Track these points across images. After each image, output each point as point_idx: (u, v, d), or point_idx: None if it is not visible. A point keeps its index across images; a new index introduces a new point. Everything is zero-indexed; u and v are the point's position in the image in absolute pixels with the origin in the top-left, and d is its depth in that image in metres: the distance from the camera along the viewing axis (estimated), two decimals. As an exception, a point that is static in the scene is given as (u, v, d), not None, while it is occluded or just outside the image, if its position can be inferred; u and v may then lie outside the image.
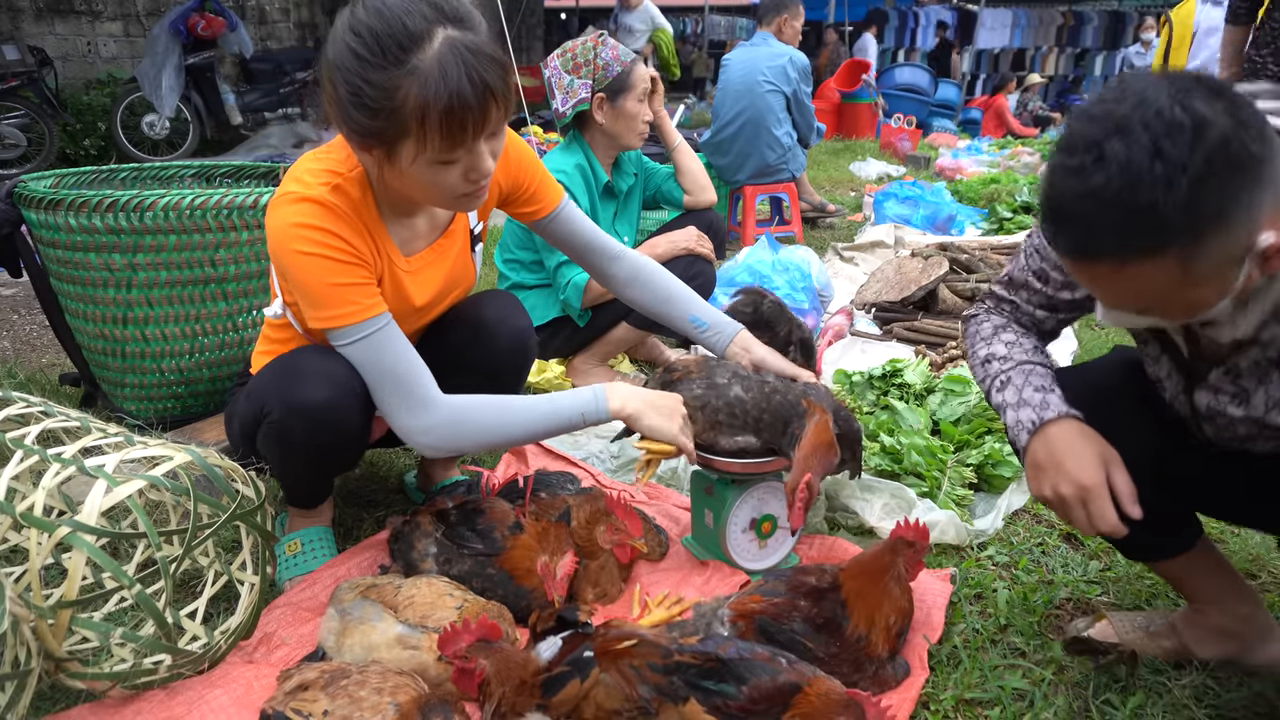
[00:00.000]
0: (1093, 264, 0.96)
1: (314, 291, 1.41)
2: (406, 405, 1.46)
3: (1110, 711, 1.36)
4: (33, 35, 7.66)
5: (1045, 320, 1.37)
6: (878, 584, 1.43)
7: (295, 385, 1.47)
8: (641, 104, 2.60)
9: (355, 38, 1.26)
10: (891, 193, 5.26)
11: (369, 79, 1.26)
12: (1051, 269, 1.31)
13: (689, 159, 2.85)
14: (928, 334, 3.08)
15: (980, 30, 14.24)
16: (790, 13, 4.74)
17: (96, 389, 2.37)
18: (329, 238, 1.40)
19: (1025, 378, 1.29)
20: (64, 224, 2.06)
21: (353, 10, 1.28)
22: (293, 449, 1.53)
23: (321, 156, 1.48)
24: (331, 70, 1.29)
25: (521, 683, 1.22)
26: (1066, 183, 0.93)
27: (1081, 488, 1.16)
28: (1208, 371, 1.16)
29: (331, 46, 1.29)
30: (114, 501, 1.28)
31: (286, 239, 1.39)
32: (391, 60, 1.25)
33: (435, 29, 1.26)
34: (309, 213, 1.39)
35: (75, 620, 1.31)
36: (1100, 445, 1.19)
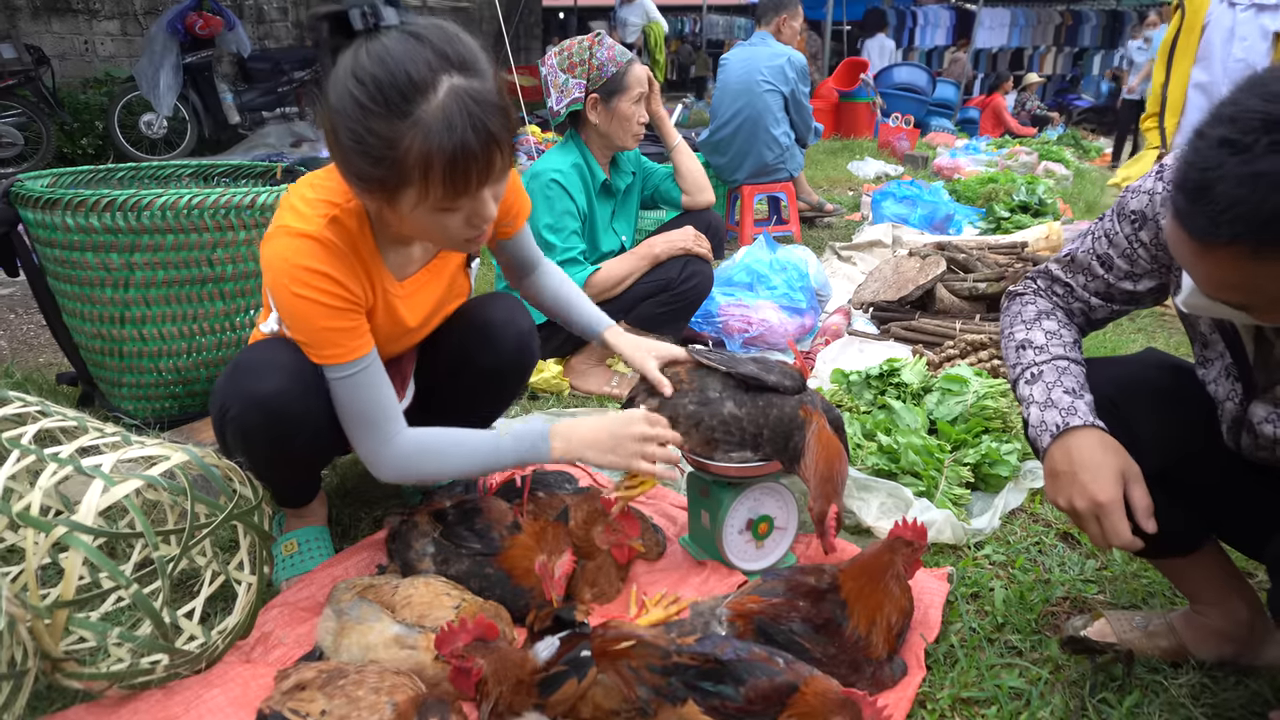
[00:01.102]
0: (1221, 248, 0.90)
1: (305, 331, 1.43)
2: (370, 437, 1.49)
3: (1107, 710, 1.36)
4: (30, 34, 7.65)
5: (1098, 309, 1.36)
6: (877, 584, 1.43)
7: (248, 379, 1.49)
8: (637, 105, 2.59)
9: (358, 85, 1.22)
10: (889, 192, 5.27)
11: (371, 128, 1.23)
12: (1119, 257, 1.28)
13: (688, 159, 2.85)
14: (925, 333, 3.08)
15: (979, 30, 14.24)
16: (789, 13, 4.74)
17: (94, 388, 2.37)
18: (324, 281, 1.39)
19: (1058, 375, 1.27)
20: (61, 223, 2.05)
21: (356, 55, 1.23)
22: (254, 443, 1.53)
23: (319, 183, 1.47)
24: (333, 115, 1.26)
25: (519, 682, 1.22)
26: (1228, 160, 0.87)
27: (1096, 503, 1.16)
28: (1270, 386, 1.15)
29: (333, 91, 1.25)
30: (111, 501, 1.28)
31: (283, 277, 1.39)
32: (395, 110, 1.21)
33: (440, 77, 1.23)
34: (306, 252, 1.38)
35: (72, 620, 1.31)
36: (1121, 459, 1.18)
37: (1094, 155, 10.21)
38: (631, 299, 2.62)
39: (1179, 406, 1.28)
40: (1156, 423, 1.27)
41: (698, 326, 3.09)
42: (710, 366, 1.65)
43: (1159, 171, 1.21)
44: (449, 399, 1.82)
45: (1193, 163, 0.91)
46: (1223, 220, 0.88)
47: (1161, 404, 1.29)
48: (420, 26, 1.25)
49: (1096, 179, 7.69)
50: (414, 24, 1.26)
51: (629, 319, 2.64)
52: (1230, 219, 0.88)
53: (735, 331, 3.06)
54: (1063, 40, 17.74)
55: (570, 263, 2.58)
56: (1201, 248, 0.93)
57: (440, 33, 1.25)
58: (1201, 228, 0.91)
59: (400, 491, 2.08)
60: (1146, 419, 1.27)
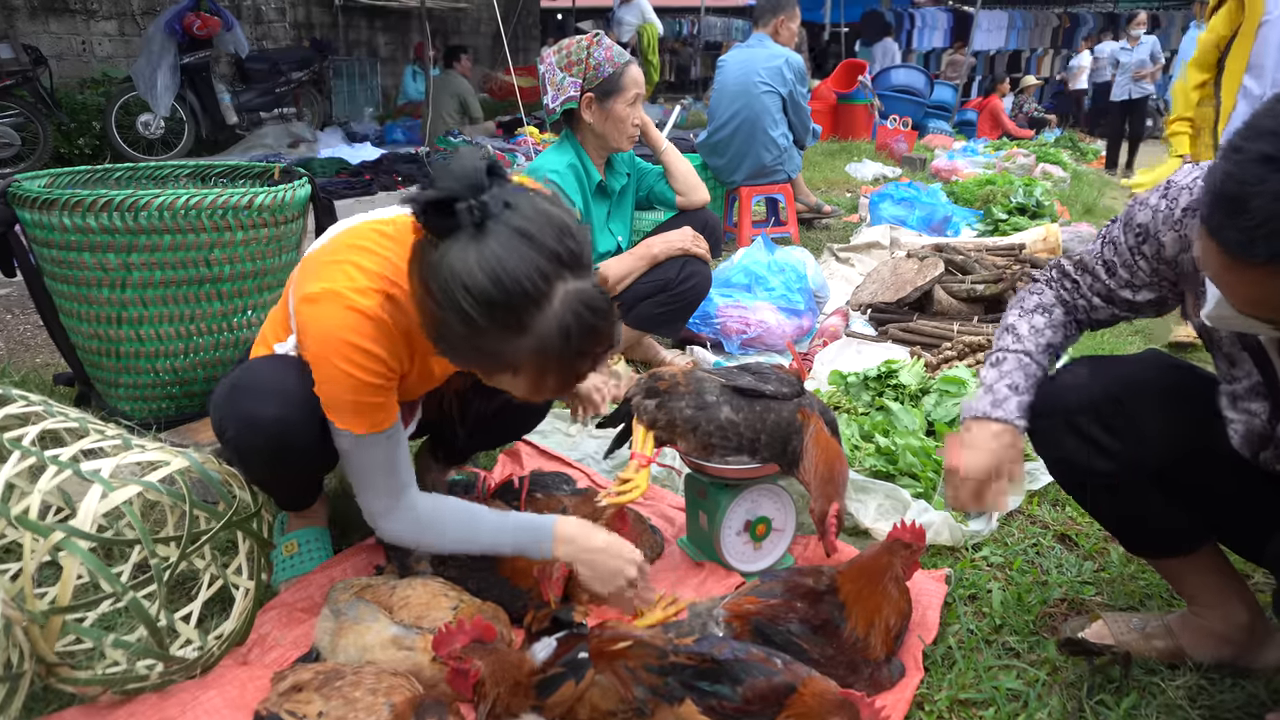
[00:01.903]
0: (1252, 266, 0.89)
1: (335, 399, 1.37)
2: (377, 500, 1.46)
3: (1104, 712, 1.36)
4: (27, 34, 7.63)
5: (1099, 309, 1.38)
6: (876, 586, 1.43)
7: (247, 401, 1.44)
8: (632, 108, 2.58)
9: (468, 298, 1.13)
10: (887, 194, 5.27)
11: (482, 344, 1.18)
12: (1120, 265, 1.31)
13: (677, 161, 2.82)
14: (923, 335, 3.08)
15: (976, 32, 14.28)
16: (786, 14, 4.74)
17: (91, 389, 2.36)
18: (369, 360, 1.34)
19: (1014, 368, 1.36)
20: (58, 224, 2.05)
21: (464, 257, 1.13)
22: (252, 465, 1.53)
23: (380, 249, 1.38)
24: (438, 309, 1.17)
25: (516, 684, 1.22)
26: (1271, 176, 0.85)
27: (955, 469, 1.33)
28: None
29: (438, 286, 1.15)
30: (110, 507, 1.27)
31: (328, 347, 1.33)
32: (509, 328, 1.16)
33: (555, 285, 1.15)
34: (357, 329, 1.32)
35: (68, 625, 1.31)
36: (1005, 453, 1.32)
37: (1091, 157, 10.24)
38: (630, 299, 2.62)
39: (1184, 405, 1.29)
40: (1161, 421, 1.28)
41: (696, 327, 3.09)
42: (707, 369, 1.65)
43: (1165, 188, 1.22)
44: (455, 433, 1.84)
45: (1230, 175, 0.89)
46: (1259, 237, 0.87)
47: (1166, 402, 1.29)
48: (529, 220, 1.15)
49: (1094, 181, 7.70)
50: (522, 212, 1.15)
51: (627, 319, 2.64)
52: (1266, 235, 0.86)
53: (733, 333, 3.06)
54: (1060, 42, 17.78)
55: None
56: (1234, 263, 0.91)
57: (549, 226, 1.16)
58: (1236, 244, 0.89)
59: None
60: (1151, 417, 1.28)
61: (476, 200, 1.13)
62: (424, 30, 7.65)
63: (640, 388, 1.68)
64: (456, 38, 12.12)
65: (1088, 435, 1.30)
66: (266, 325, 1.61)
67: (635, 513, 1.82)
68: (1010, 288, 3.33)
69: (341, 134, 8.93)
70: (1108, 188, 7.81)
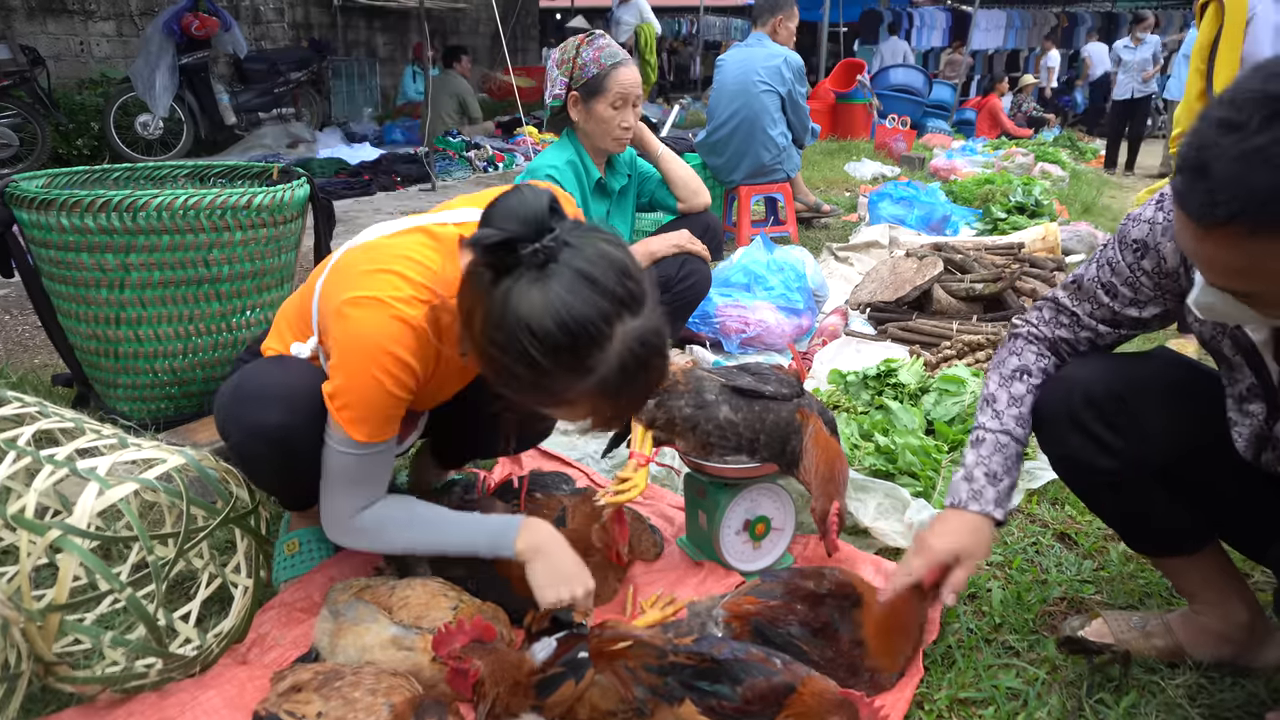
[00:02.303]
0: (1219, 228, 0.90)
1: (354, 403, 1.36)
2: (342, 508, 1.45)
3: (1104, 710, 1.36)
4: (25, 34, 7.63)
5: (1106, 335, 1.38)
6: (906, 635, 1.43)
7: (250, 408, 1.43)
8: (617, 110, 2.55)
9: (532, 340, 1.13)
10: (886, 193, 5.27)
11: (542, 383, 1.18)
12: (1122, 285, 1.30)
13: (676, 167, 2.79)
14: (922, 334, 3.08)
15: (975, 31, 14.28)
16: (785, 14, 4.74)
17: (89, 390, 2.36)
18: (404, 373, 1.34)
19: (992, 451, 1.37)
20: (56, 224, 2.05)
21: (528, 297, 1.12)
22: (256, 470, 1.53)
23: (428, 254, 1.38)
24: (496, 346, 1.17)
25: (516, 683, 1.22)
26: (1224, 139, 0.87)
27: (926, 544, 1.36)
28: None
29: (498, 324, 1.14)
30: (106, 504, 1.27)
31: (367, 353, 1.32)
32: (571, 370, 1.16)
33: (615, 326, 1.15)
34: (400, 340, 1.32)
35: (66, 623, 1.30)
36: (969, 543, 1.34)
37: (1090, 157, 10.23)
38: (629, 299, 2.61)
39: (1188, 403, 1.29)
40: (1165, 418, 1.28)
41: (695, 327, 3.09)
42: (707, 369, 1.65)
43: (1159, 200, 1.22)
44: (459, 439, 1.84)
45: (1190, 143, 0.91)
46: (1219, 200, 0.88)
47: (1171, 400, 1.29)
48: (591, 262, 1.14)
49: (1092, 180, 7.70)
50: (584, 254, 1.15)
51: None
52: (1226, 198, 0.87)
53: (732, 332, 3.05)
54: (1059, 42, 17.79)
55: None
56: (1201, 230, 0.92)
57: (610, 268, 1.15)
58: (1199, 207, 0.90)
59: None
60: (1155, 414, 1.28)
61: (542, 244, 1.13)
62: (423, 30, 7.64)
63: None
64: (455, 38, 12.12)
65: (1091, 432, 1.31)
66: (281, 323, 1.60)
67: (634, 512, 1.82)
68: (1009, 286, 3.33)
69: (340, 134, 8.94)
70: (1106, 187, 7.82)
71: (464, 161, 7.84)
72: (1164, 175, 9.21)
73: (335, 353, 1.37)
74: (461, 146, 8.18)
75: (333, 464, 1.42)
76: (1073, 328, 1.39)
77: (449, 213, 1.48)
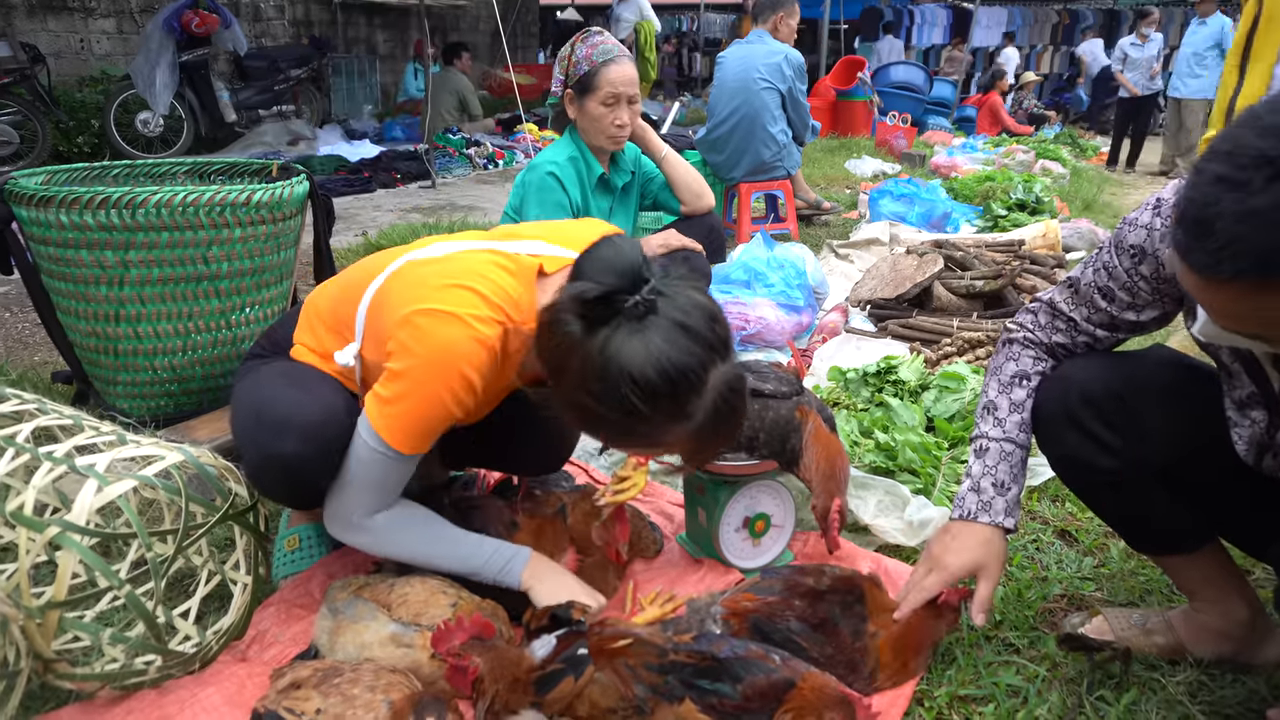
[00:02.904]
0: (1226, 284, 0.90)
1: (408, 413, 1.35)
2: (354, 512, 1.45)
3: (1104, 707, 1.36)
4: (25, 32, 7.62)
5: (1104, 340, 1.37)
6: (918, 654, 1.42)
7: (268, 434, 1.41)
8: (609, 108, 2.54)
9: (635, 390, 1.14)
10: (887, 190, 5.27)
11: (639, 430, 1.21)
12: (1119, 289, 1.30)
13: (679, 170, 2.78)
14: (922, 331, 3.08)
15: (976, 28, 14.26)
16: (786, 11, 4.74)
17: (89, 387, 2.36)
18: (469, 394, 1.34)
19: (998, 461, 1.39)
20: (55, 221, 2.04)
21: (629, 347, 1.15)
22: (269, 490, 1.52)
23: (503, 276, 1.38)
24: (595, 403, 1.18)
25: (515, 680, 1.22)
26: (1225, 196, 0.87)
27: (940, 561, 1.39)
28: None
29: (602, 383, 1.16)
30: (105, 501, 1.27)
31: (438, 367, 1.31)
32: (671, 416, 1.18)
33: (710, 372, 1.18)
34: (476, 362, 1.32)
35: (65, 620, 1.30)
36: (984, 557, 1.37)
37: (1090, 154, 10.21)
38: (629, 297, 2.61)
39: (1186, 402, 1.28)
40: (1163, 417, 1.28)
41: (695, 324, 3.08)
42: None
43: (1155, 205, 1.22)
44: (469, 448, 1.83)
45: (1191, 199, 0.91)
46: (1224, 257, 0.88)
47: (1169, 399, 1.29)
48: (686, 312, 1.17)
49: (1093, 177, 7.70)
50: (678, 304, 1.18)
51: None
52: (1231, 255, 0.87)
53: (733, 329, 3.05)
54: (1059, 39, 17.76)
55: None
56: (1205, 283, 0.93)
57: (703, 316, 1.19)
58: (1204, 264, 0.91)
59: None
60: (1153, 413, 1.28)
61: (642, 296, 1.16)
62: (423, 28, 7.63)
63: None
64: (455, 35, 12.11)
65: (1089, 431, 1.30)
66: (313, 318, 1.56)
67: (634, 509, 1.81)
68: (1009, 283, 3.32)
69: (340, 131, 8.94)
70: (1107, 184, 7.81)
71: (464, 159, 7.83)
72: (1165, 173, 9.21)
73: (401, 361, 1.33)
74: (461, 144, 8.17)
75: (361, 465, 1.40)
76: (1070, 333, 1.39)
77: (521, 243, 1.46)
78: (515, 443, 1.76)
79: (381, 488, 1.43)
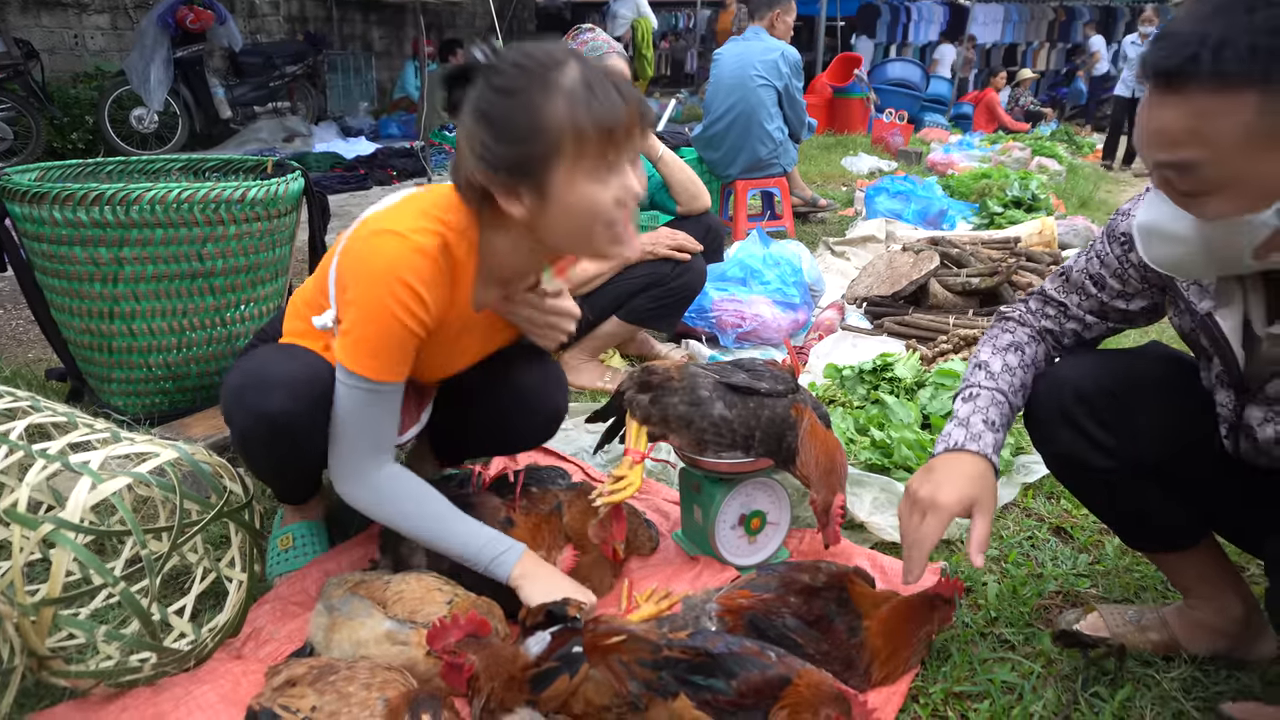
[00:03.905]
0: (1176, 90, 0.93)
1: (366, 337, 1.38)
2: (355, 453, 1.46)
3: (1099, 704, 1.36)
4: (18, 27, 7.59)
5: (1094, 326, 1.38)
6: (908, 642, 1.42)
7: (256, 393, 1.44)
8: None
9: (498, 75, 1.29)
10: (883, 187, 5.27)
11: (513, 111, 1.29)
12: (1110, 276, 1.32)
13: (676, 171, 2.78)
14: (918, 328, 3.08)
15: (972, 25, 14.27)
16: (782, 8, 4.74)
17: (83, 384, 2.35)
18: (417, 304, 1.36)
19: (988, 405, 1.35)
20: (49, 217, 2.04)
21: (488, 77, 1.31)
22: (257, 454, 1.53)
23: (428, 208, 1.42)
24: (472, 122, 1.32)
25: (510, 678, 1.22)
26: (1186, 13, 0.94)
27: (932, 501, 1.28)
28: (1260, 386, 1.15)
29: (468, 104, 1.32)
30: (99, 498, 1.26)
31: (382, 282, 1.35)
32: (538, 83, 1.28)
33: (572, 60, 1.31)
34: (414, 268, 1.35)
35: (59, 617, 1.30)
36: (978, 490, 1.28)
37: (1087, 151, 10.23)
38: (624, 294, 2.61)
39: (1177, 397, 1.29)
40: (1155, 413, 1.28)
41: (691, 321, 3.09)
42: (701, 365, 1.65)
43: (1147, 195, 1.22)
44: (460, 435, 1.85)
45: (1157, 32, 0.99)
46: (1179, 46, 0.92)
47: (1160, 396, 1.29)
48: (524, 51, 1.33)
49: (1089, 174, 7.70)
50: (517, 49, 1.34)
51: (621, 315, 2.63)
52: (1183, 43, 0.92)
53: (729, 327, 3.05)
54: (1056, 36, 17.77)
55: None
56: (1158, 97, 0.95)
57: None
58: (1160, 58, 0.94)
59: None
60: (1145, 410, 1.28)
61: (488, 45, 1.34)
62: (418, 24, 7.62)
63: (633, 381, 1.67)
64: (451, 32, 12.08)
65: (1083, 429, 1.30)
66: (299, 306, 1.60)
67: (630, 506, 1.81)
68: (1005, 280, 3.33)
69: (336, 128, 8.92)
70: (1103, 181, 7.82)
71: (460, 156, 7.81)
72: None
73: (350, 290, 1.38)
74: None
75: (342, 406, 1.43)
76: (1058, 319, 1.40)
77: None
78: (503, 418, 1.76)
79: (369, 426, 1.44)
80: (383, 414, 1.45)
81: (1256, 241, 0.97)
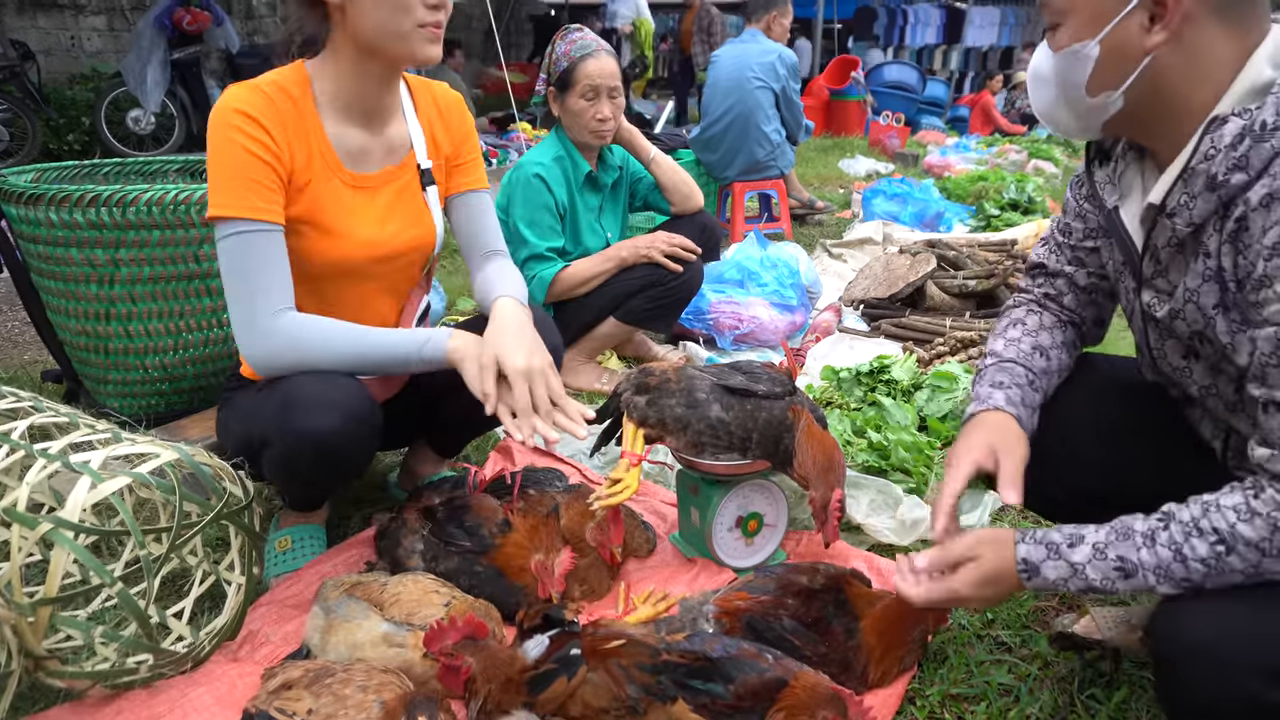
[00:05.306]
0: None
1: (219, 177, 1.45)
2: (247, 322, 1.46)
3: (1095, 706, 1.37)
4: (15, 29, 7.58)
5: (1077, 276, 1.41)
6: (904, 641, 1.42)
7: (298, 415, 1.42)
8: (589, 102, 2.54)
9: None
10: (880, 190, 5.28)
11: None
12: (1073, 219, 1.38)
13: (667, 172, 2.78)
14: (915, 330, 3.08)
15: (969, 28, 14.30)
16: (779, 10, 4.75)
17: (79, 386, 2.35)
18: (251, 125, 1.44)
19: (994, 373, 1.38)
20: (45, 219, 2.03)
21: None
22: (298, 475, 1.53)
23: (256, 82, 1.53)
24: None
25: (508, 680, 1.22)
26: None
27: (949, 461, 1.31)
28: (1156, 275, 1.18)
29: None
30: (98, 498, 1.26)
31: (214, 125, 1.46)
32: None
33: None
34: (244, 99, 1.46)
35: (57, 618, 1.30)
36: (994, 437, 1.27)
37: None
38: (620, 295, 2.61)
39: (1162, 409, 1.32)
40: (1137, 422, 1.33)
41: (689, 323, 3.09)
42: (699, 367, 1.65)
43: None
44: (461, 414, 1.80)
45: None
46: None
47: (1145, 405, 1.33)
48: None
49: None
50: None
51: (618, 315, 2.63)
52: None
53: (726, 328, 3.05)
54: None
55: (539, 259, 2.57)
56: None
57: None
58: None
59: (389, 489, 2.07)
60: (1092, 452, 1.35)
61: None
62: (415, 25, 7.62)
63: (630, 383, 1.66)
64: (447, 33, 12.06)
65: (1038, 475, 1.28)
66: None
67: (627, 508, 1.81)
68: (1002, 283, 3.33)
69: (333, 129, 8.89)
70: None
71: (457, 157, 7.81)
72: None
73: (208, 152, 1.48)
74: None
75: (221, 267, 1.47)
76: (1048, 279, 1.45)
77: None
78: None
79: (250, 276, 1.44)
80: (262, 261, 1.45)
81: (1086, 74, 1.07)
